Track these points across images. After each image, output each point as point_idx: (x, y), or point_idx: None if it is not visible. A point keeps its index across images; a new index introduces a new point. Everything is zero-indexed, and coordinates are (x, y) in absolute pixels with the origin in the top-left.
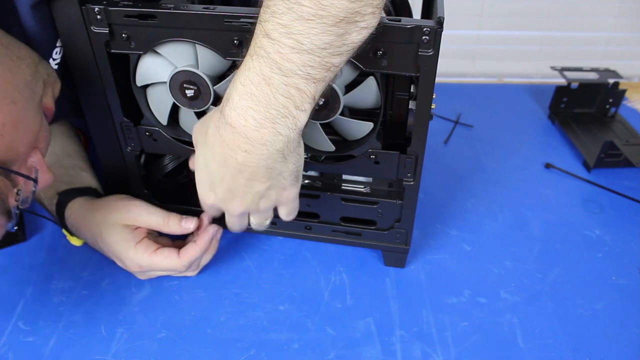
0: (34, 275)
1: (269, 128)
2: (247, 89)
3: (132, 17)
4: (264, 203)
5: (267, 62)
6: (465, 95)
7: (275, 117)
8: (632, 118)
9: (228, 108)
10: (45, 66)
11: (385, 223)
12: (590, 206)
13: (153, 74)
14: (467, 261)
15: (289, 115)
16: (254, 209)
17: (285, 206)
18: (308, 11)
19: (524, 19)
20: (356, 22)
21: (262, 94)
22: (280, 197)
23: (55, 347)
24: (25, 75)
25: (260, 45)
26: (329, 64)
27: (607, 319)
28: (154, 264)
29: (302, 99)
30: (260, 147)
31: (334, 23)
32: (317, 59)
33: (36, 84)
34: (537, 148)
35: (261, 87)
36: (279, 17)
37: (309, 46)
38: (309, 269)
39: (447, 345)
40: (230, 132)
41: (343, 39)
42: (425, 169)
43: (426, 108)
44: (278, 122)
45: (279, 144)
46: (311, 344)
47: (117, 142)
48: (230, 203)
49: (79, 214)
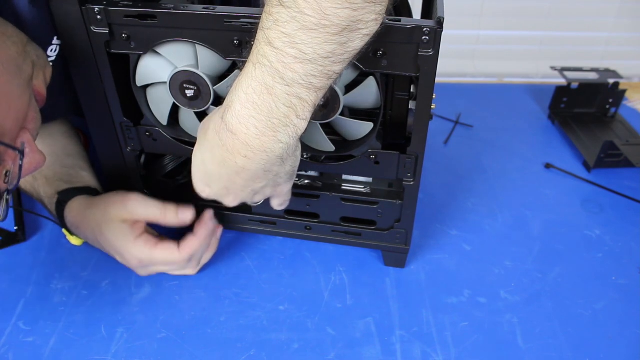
0: (34, 275)
1: (270, 137)
2: (249, 98)
3: (132, 17)
4: (258, 197)
5: (270, 72)
6: (465, 95)
7: (277, 126)
8: (632, 118)
9: (229, 115)
10: (34, 48)
11: (385, 223)
12: (590, 206)
13: (153, 74)
14: (467, 261)
15: (290, 124)
16: (249, 201)
17: (278, 198)
18: (311, 20)
19: (524, 19)
20: (359, 30)
21: (264, 104)
22: (274, 191)
23: (55, 347)
24: (10, 51)
25: (263, 53)
26: (330, 72)
27: (607, 319)
28: (154, 258)
29: (303, 108)
30: (261, 153)
31: (337, 32)
32: (320, 68)
33: (23, 62)
34: (537, 148)
35: (263, 96)
36: (282, 26)
37: (312, 56)
38: (309, 269)
39: (447, 345)
40: (231, 138)
41: (345, 47)
42: (425, 169)
43: (426, 108)
44: (279, 130)
45: (279, 151)
46: (311, 344)
47: (117, 142)
48: (225, 198)
49: (78, 212)
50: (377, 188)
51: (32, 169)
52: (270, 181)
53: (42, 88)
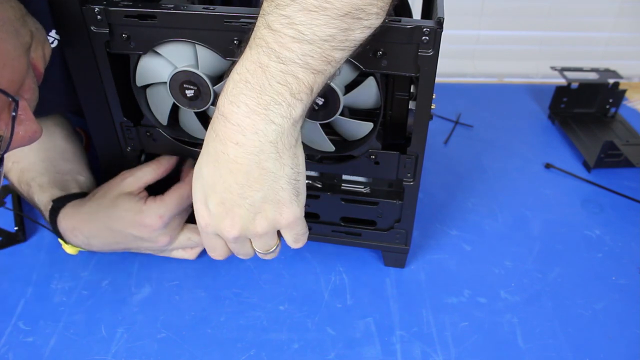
0: (34, 275)
1: (261, 115)
2: (242, 77)
3: (132, 17)
4: (260, 222)
5: (266, 51)
6: (465, 95)
7: (269, 103)
8: (632, 118)
9: (222, 97)
10: (33, 21)
11: (385, 223)
12: (590, 206)
13: (153, 74)
14: (467, 261)
15: (283, 103)
16: (251, 230)
17: (290, 230)
18: (312, 2)
19: (524, 19)
20: (360, 19)
21: (257, 81)
22: (279, 217)
23: (55, 347)
24: (8, 13)
25: (261, 36)
26: (330, 57)
27: (607, 319)
28: (171, 205)
29: (299, 87)
30: (252, 136)
31: (338, 16)
32: (319, 50)
33: (21, 27)
34: (537, 148)
35: (257, 74)
36: (282, 9)
37: (311, 37)
38: (309, 269)
39: (447, 345)
40: (223, 122)
41: (346, 35)
42: (425, 169)
43: (426, 108)
44: (271, 109)
45: (272, 134)
46: (311, 344)
47: (117, 142)
48: (223, 221)
49: (73, 214)
50: (377, 188)
51: (27, 138)
52: (269, 190)
53: (39, 63)
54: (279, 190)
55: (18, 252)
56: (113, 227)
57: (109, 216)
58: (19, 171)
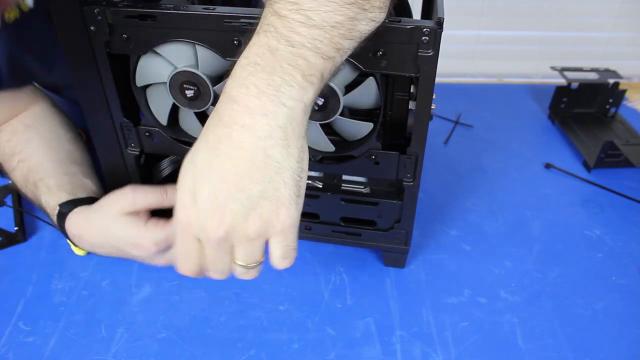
0: (34, 275)
1: (272, 96)
2: (250, 60)
3: (132, 18)
4: (253, 222)
5: (275, 36)
6: (465, 95)
7: (280, 84)
8: (632, 118)
9: (229, 82)
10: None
11: (385, 223)
12: (590, 206)
13: (153, 75)
14: (467, 261)
15: (295, 84)
16: (241, 231)
17: (282, 239)
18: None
19: (524, 19)
20: (365, 11)
21: (266, 63)
22: (275, 218)
23: (55, 347)
24: None
25: (269, 22)
26: (338, 44)
27: (607, 319)
28: (168, 233)
29: (310, 70)
30: (261, 118)
31: (345, 4)
32: (327, 36)
33: None
34: (537, 148)
35: (266, 56)
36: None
37: (319, 22)
38: (309, 269)
39: (447, 345)
40: (229, 105)
41: (353, 24)
42: (425, 169)
43: (426, 108)
44: (282, 90)
45: (282, 118)
46: (311, 344)
47: (117, 142)
48: (210, 217)
49: (79, 223)
50: (377, 188)
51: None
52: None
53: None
54: (280, 185)
55: (18, 252)
56: (113, 243)
57: (110, 232)
58: (25, 170)
